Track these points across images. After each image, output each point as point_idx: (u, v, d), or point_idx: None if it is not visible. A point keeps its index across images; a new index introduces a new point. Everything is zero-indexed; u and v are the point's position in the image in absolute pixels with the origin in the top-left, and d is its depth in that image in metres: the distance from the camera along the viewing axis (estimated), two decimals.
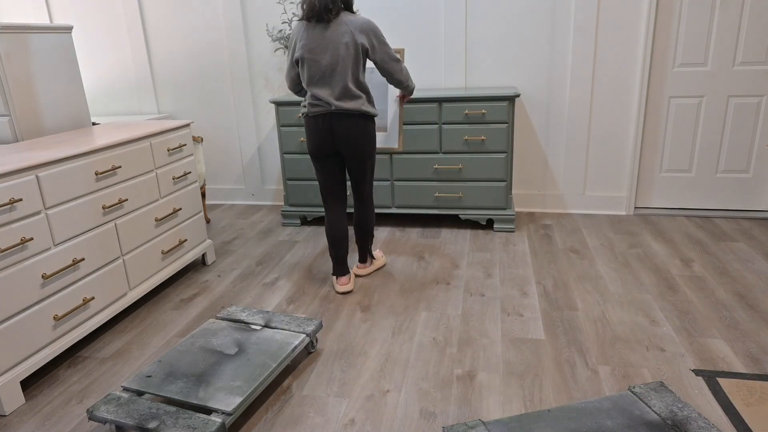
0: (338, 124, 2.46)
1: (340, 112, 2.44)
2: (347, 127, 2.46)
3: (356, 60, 2.40)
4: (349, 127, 2.47)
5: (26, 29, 2.57)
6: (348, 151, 2.53)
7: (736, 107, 3.43)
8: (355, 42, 2.37)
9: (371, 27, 2.40)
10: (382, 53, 2.44)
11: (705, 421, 1.62)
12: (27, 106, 2.59)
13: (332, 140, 2.51)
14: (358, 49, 2.39)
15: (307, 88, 2.49)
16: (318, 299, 2.69)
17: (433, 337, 2.30)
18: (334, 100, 2.42)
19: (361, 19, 2.39)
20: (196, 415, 1.69)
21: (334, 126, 2.47)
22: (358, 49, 2.38)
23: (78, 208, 2.21)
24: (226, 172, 4.33)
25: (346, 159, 2.59)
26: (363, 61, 2.45)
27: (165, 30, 4.04)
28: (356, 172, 2.64)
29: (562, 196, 3.80)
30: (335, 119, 2.46)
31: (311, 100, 2.48)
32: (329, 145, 2.53)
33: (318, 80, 2.43)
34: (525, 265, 2.96)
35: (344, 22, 2.37)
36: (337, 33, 2.36)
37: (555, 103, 3.62)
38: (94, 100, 4.33)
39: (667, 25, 3.38)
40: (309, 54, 2.41)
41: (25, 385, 2.10)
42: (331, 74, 2.41)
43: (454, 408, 1.87)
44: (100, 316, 2.35)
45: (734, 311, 2.40)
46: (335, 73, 2.40)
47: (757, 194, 3.57)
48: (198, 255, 3.04)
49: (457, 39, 3.61)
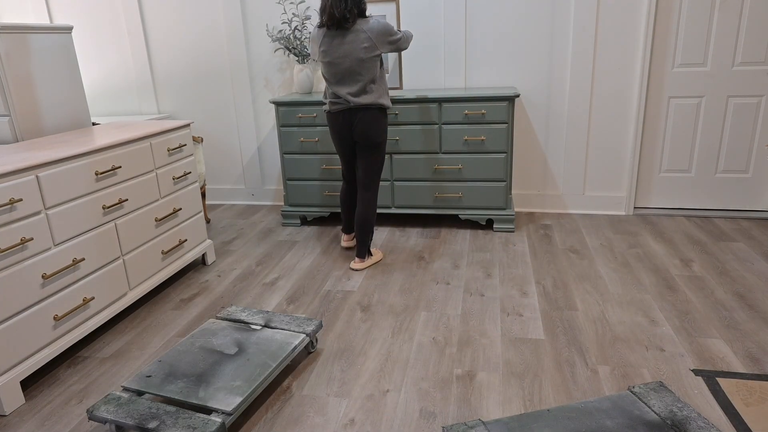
0: (356, 117, 2.78)
1: (359, 107, 2.75)
2: (363, 118, 2.77)
3: (374, 61, 2.70)
4: (364, 118, 2.77)
5: (26, 29, 2.57)
6: (361, 139, 2.82)
7: (736, 107, 3.44)
8: (374, 48, 2.67)
9: (386, 31, 2.69)
10: (394, 48, 2.78)
11: (704, 421, 1.62)
12: (27, 106, 2.59)
13: (350, 133, 2.84)
14: (376, 52, 2.69)
15: (328, 85, 2.82)
16: (318, 299, 2.69)
17: (432, 337, 2.30)
18: (353, 97, 2.73)
19: (376, 25, 2.66)
20: (196, 415, 1.69)
21: (353, 119, 2.79)
22: (376, 51, 2.69)
23: (78, 208, 2.21)
24: (226, 172, 4.33)
25: (357, 149, 2.89)
26: (380, 61, 2.76)
27: (165, 30, 4.04)
28: (364, 164, 2.89)
29: (561, 196, 3.80)
30: (353, 114, 2.78)
31: (332, 98, 2.82)
32: (348, 137, 2.87)
33: (338, 81, 2.74)
34: (525, 265, 2.97)
35: (362, 30, 2.65)
36: (356, 39, 2.65)
37: (555, 104, 3.62)
38: (94, 100, 4.33)
39: (667, 26, 3.38)
40: (330, 58, 2.71)
41: (25, 385, 2.10)
42: (350, 75, 2.71)
43: (453, 408, 1.87)
44: (100, 316, 2.35)
45: (734, 311, 2.40)
46: (354, 74, 2.70)
47: (757, 194, 3.57)
48: (198, 255, 3.04)
49: (457, 39, 3.62)
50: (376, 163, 2.90)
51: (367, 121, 2.76)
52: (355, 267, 2.98)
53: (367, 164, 2.89)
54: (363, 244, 2.99)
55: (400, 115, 3.38)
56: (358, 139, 2.83)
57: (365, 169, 2.91)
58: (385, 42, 2.69)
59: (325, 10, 2.64)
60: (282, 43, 3.67)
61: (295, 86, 3.78)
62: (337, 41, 2.67)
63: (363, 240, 2.98)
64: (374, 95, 2.74)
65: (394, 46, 2.75)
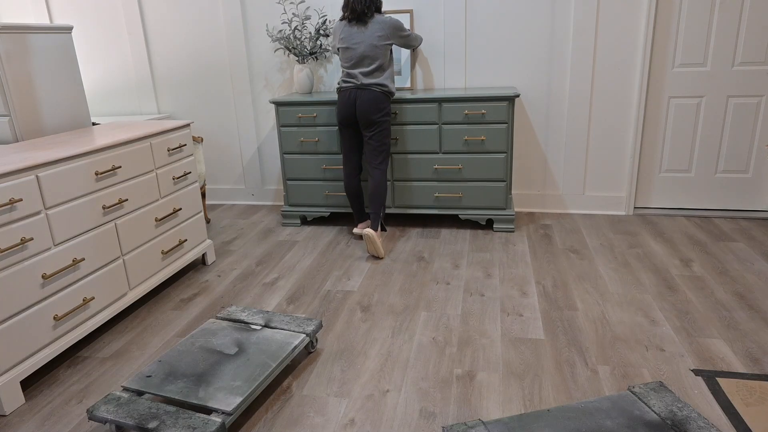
0: (360, 96, 3.09)
1: (364, 87, 3.08)
2: (366, 98, 3.07)
3: (385, 51, 3.09)
4: (368, 99, 3.07)
5: (26, 29, 2.57)
6: (363, 119, 3.11)
7: (736, 107, 3.44)
8: (387, 38, 3.08)
9: (398, 26, 3.11)
10: (403, 44, 3.21)
11: (704, 421, 1.62)
12: (27, 106, 2.59)
13: (354, 110, 3.12)
14: (388, 41, 3.10)
15: (343, 68, 3.18)
16: (318, 299, 2.69)
17: (432, 337, 2.30)
18: (363, 77, 3.08)
19: (389, 21, 3.08)
20: (196, 415, 1.69)
21: (357, 97, 3.09)
22: (388, 41, 3.10)
23: (78, 208, 2.21)
24: (226, 172, 4.33)
25: (361, 128, 3.17)
26: (390, 52, 3.15)
27: (165, 30, 4.04)
28: (369, 146, 3.17)
29: (561, 196, 3.80)
30: (359, 92, 3.09)
31: (345, 77, 3.16)
32: (352, 114, 3.13)
33: (353, 63, 3.11)
34: (525, 265, 2.97)
35: (378, 22, 3.07)
36: (373, 30, 3.06)
37: (555, 103, 3.62)
38: (94, 100, 4.33)
39: (667, 25, 3.38)
40: (347, 44, 3.10)
41: (25, 385, 2.10)
42: (362, 59, 3.08)
43: (453, 408, 1.87)
44: (100, 316, 2.35)
45: (734, 311, 2.40)
46: (367, 58, 3.07)
47: (757, 194, 3.57)
48: (198, 255, 3.05)
49: (457, 39, 3.62)
50: (382, 145, 3.16)
51: (369, 99, 3.06)
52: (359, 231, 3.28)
53: (372, 147, 3.16)
54: (376, 215, 3.19)
55: (400, 115, 3.38)
56: (360, 116, 3.10)
57: (371, 150, 3.17)
58: (396, 35, 3.11)
59: (347, 5, 3.07)
60: (282, 43, 3.67)
61: (295, 86, 3.78)
62: (355, 30, 3.08)
63: (376, 212, 3.19)
64: (381, 78, 3.09)
65: (403, 41, 3.17)
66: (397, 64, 3.73)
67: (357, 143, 3.27)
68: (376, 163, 3.18)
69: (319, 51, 3.69)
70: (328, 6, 3.74)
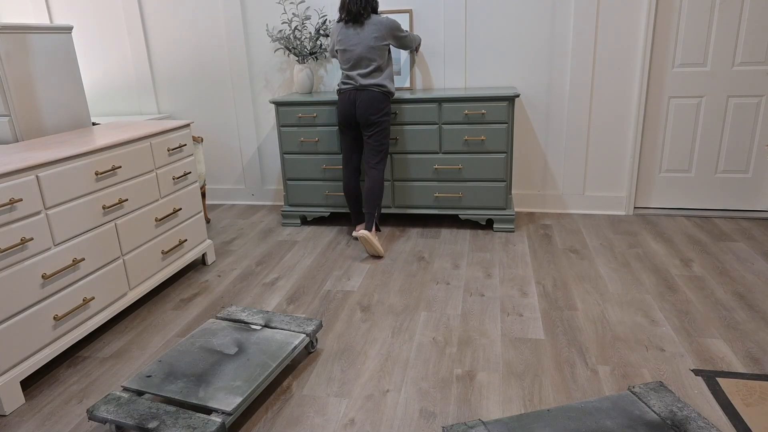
0: (359, 97, 3.09)
1: (363, 88, 3.08)
2: (366, 99, 3.08)
3: (382, 51, 3.08)
4: (367, 99, 3.07)
5: (26, 29, 2.57)
6: (363, 119, 3.11)
7: (736, 107, 3.44)
8: (384, 39, 3.07)
9: (394, 27, 3.09)
10: (400, 44, 3.20)
11: (704, 421, 1.62)
12: (27, 106, 2.59)
13: (354, 112, 3.12)
14: (385, 42, 3.08)
15: (342, 70, 3.18)
16: (318, 299, 2.69)
17: (432, 337, 2.30)
18: (361, 78, 3.08)
19: (386, 21, 3.06)
20: (196, 415, 1.69)
21: (357, 98, 3.10)
22: (385, 42, 3.08)
23: (78, 208, 2.21)
24: (226, 172, 4.33)
25: (362, 129, 3.17)
26: (389, 52, 3.15)
27: (165, 30, 4.04)
28: (368, 146, 3.17)
29: (561, 196, 3.80)
30: (358, 93, 3.10)
31: (344, 79, 3.16)
32: (352, 115, 3.14)
33: (351, 65, 3.10)
34: (525, 265, 2.97)
35: (375, 23, 3.05)
36: (370, 31, 3.04)
37: (555, 104, 3.62)
38: (94, 100, 4.33)
39: (667, 25, 3.38)
40: (344, 46, 3.09)
41: (25, 385, 2.10)
42: (360, 61, 3.07)
43: (453, 408, 1.87)
44: (100, 316, 2.35)
45: (734, 311, 2.40)
46: (364, 59, 3.06)
47: (757, 194, 3.57)
48: (198, 255, 3.05)
49: (456, 39, 3.62)
50: (381, 145, 3.16)
51: (368, 100, 3.06)
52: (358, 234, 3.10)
53: (371, 146, 3.16)
54: (371, 215, 3.17)
55: (400, 115, 3.38)
56: (359, 117, 3.10)
57: (370, 150, 3.17)
58: (392, 36, 3.09)
59: (344, 7, 3.06)
60: (282, 43, 3.67)
61: (295, 86, 3.78)
62: (351, 32, 3.07)
63: (371, 212, 3.17)
64: (379, 79, 3.09)
65: (400, 42, 3.15)
66: (396, 65, 3.73)
67: (357, 145, 3.27)
68: (373, 163, 3.17)
69: (319, 51, 3.70)
70: (328, 6, 3.74)
